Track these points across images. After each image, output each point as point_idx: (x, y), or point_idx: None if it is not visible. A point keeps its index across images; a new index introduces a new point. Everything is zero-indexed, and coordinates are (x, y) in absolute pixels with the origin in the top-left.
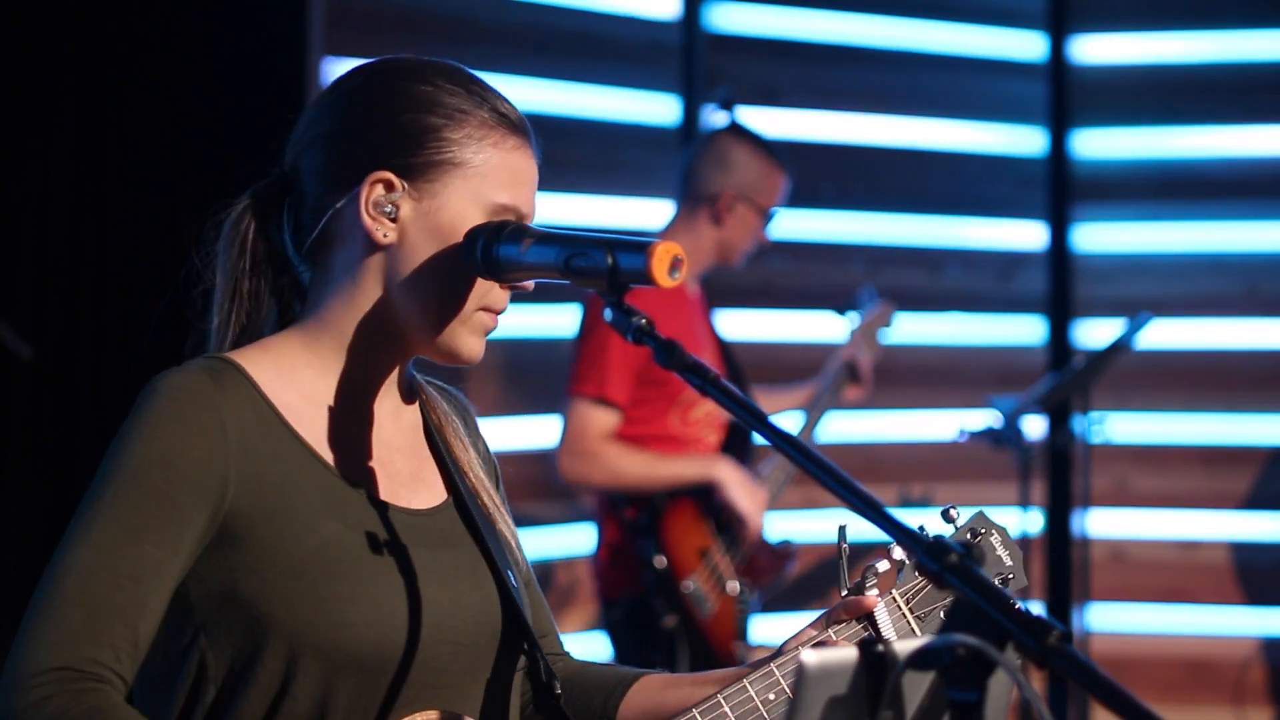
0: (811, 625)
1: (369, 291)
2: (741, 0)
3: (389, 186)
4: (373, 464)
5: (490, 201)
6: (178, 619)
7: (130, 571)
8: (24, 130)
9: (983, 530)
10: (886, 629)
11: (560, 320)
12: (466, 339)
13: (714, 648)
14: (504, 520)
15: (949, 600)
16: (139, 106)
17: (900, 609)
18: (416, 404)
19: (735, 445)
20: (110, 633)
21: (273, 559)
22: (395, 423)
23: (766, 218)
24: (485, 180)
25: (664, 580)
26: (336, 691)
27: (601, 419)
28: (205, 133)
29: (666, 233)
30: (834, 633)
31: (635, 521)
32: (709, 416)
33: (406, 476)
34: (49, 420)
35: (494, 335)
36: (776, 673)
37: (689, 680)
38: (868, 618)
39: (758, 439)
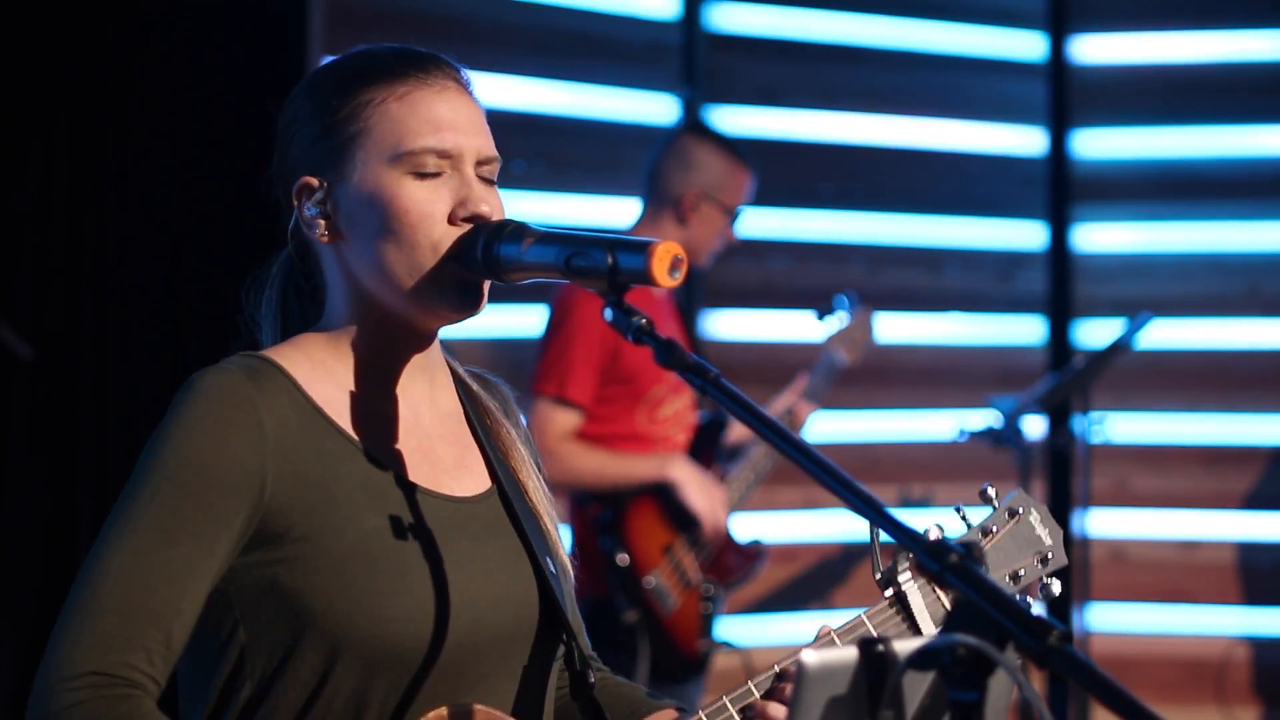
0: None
1: (349, 285)
2: (741, 0)
3: (311, 189)
4: (415, 453)
5: (398, 152)
6: (217, 613)
7: (164, 574)
8: (24, 131)
9: (1020, 509)
10: (920, 612)
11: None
12: (445, 294)
13: (677, 644)
14: (545, 507)
15: None
16: (139, 106)
17: (935, 591)
18: (453, 391)
19: (704, 444)
20: (143, 636)
21: (313, 554)
22: (433, 409)
23: (732, 216)
24: (388, 135)
25: (626, 577)
26: (374, 684)
27: (561, 419)
28: (205, 132)
29: (632, 233)
30: (866, 616)
31: (598, 518)
32: (677, 415)
33: (450, 464)
34: (49, 420)
35: (489, 335)
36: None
37: None
38: (900, 601)
39: (725, 437)
